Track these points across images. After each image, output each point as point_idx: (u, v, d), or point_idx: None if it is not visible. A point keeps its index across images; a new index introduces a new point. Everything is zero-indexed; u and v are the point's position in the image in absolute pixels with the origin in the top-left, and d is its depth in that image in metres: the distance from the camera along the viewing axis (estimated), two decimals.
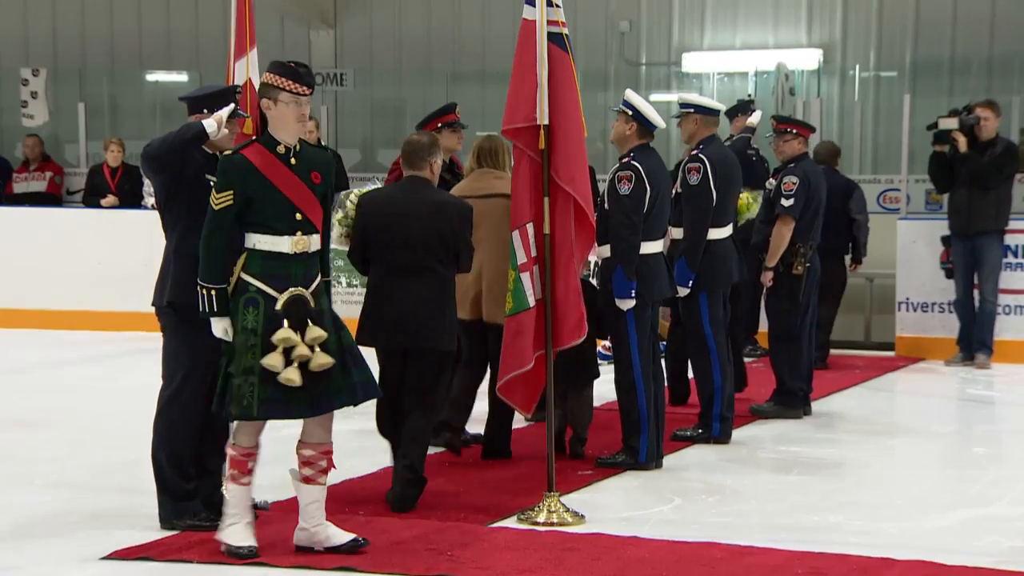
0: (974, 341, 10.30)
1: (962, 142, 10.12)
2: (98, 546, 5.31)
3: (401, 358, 6.01)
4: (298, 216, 5.12)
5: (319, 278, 5.22)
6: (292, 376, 5.01)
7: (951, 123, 10.20)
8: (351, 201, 6.25)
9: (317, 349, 5.04)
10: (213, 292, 5.06)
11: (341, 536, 5.24)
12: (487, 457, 6.98)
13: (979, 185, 10.11)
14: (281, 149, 5.13)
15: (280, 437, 8.00)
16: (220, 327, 5.09)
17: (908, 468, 7.27)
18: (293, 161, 5.14)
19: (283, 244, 5.10)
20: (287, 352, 5.00)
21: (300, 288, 5.11)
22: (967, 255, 10.28)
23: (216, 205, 5.06)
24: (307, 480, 5.23)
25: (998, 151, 10.15)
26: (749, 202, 8.13)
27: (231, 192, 5.04)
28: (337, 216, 6.28)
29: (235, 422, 5.23)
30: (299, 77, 5.12)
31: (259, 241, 5.10)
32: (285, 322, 5.02)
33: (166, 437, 5.54)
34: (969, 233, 10.22)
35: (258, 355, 5.01)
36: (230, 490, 5.24)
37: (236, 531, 5.19)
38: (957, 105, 10.77)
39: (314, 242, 5.18)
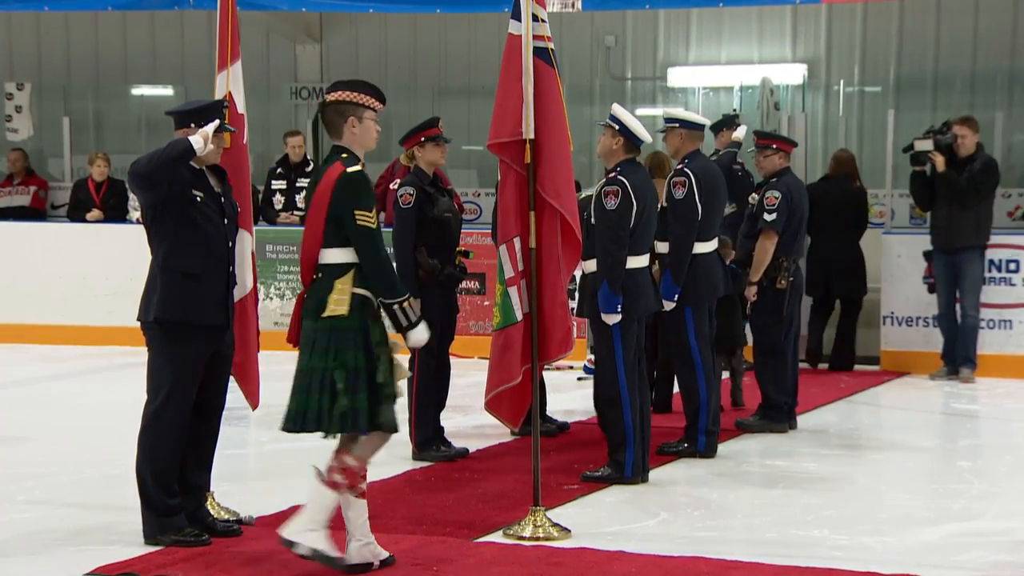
0: (958, 355, 10.33)
1: (939, 161, 10.17)
2: (82, 562, 5.27)
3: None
4: None
5: None
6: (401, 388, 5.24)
7: (926, 145, 10.26)
8: None
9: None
10: (412, 302, 5.24)
11: (383, 552, 5.25)
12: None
13: (958, 203, 10.15)
14: (361, 165, 5.23)
15: (264, 453, 8.01)
16: (426, 332, 5.24)
17: (893, 482, 7.27)
18: None
19: None
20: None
21: None
22: (949, 270, 10.32)
23: (373, 224, 5.11)
24: (363, 495, 5.19)
25: (976, 168, 10.18)
26: None
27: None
28: None
29: (344, 435, 5.13)
30: (380, 95, 5.29)
31: (355, 256, 5.17)
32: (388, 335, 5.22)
33: (150, 453, 5.52)
34: (950, 249, 10.26)
35: (388, 368, 5.11)
36: (328, 497, 5.07)
37: (324, 538, 5.11)
38: (937, 122, 10.81)
39: None
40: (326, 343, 5.04)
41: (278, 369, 10.15)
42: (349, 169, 5.12)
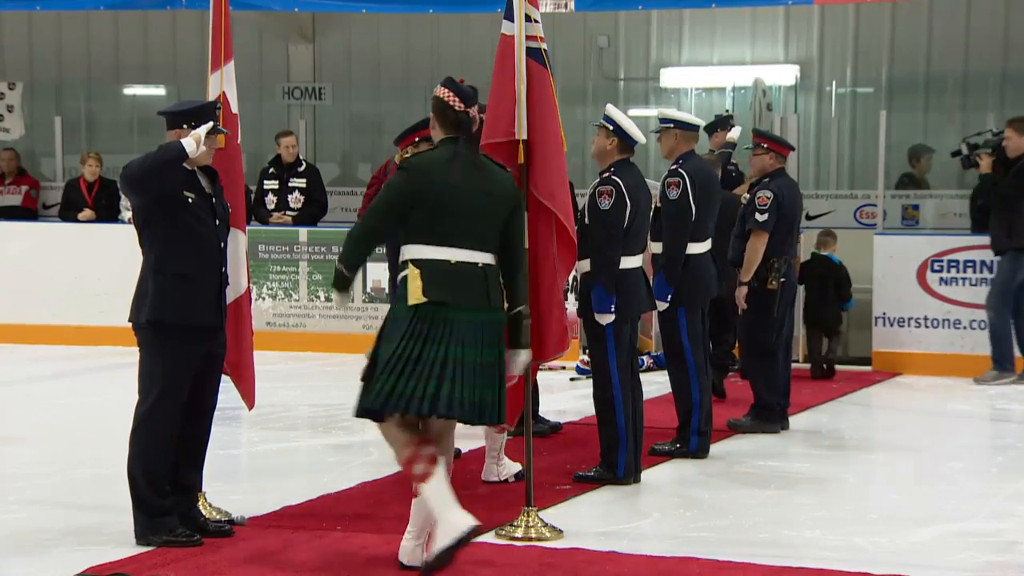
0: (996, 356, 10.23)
1: (984, 163, 10.28)
2: (73, 563, 5.26)
3: None
4: None
5: None
6: None
7: (964, 148, 10.45)
8: None
9: None
10: None
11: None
12: None
13: (994, 205, 10.19)
14: None
15: (256, 453, 8.00)
16: None
17: (884, 483, 7.29)
18: None
19: None
20: None
21: None
22: (997, 272, 10.31)
23: None
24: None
25: (1015, 171, 10.17)
26: None
27: None
28: None
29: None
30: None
31: None
32: None
33: (142, 453, 5.50)
34: (994, 251, 10.29)
35: None
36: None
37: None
38: (930, 122, 10.87)
39: None
40: (499, 337, 5.19)
41: (271, 369, 10.15)
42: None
